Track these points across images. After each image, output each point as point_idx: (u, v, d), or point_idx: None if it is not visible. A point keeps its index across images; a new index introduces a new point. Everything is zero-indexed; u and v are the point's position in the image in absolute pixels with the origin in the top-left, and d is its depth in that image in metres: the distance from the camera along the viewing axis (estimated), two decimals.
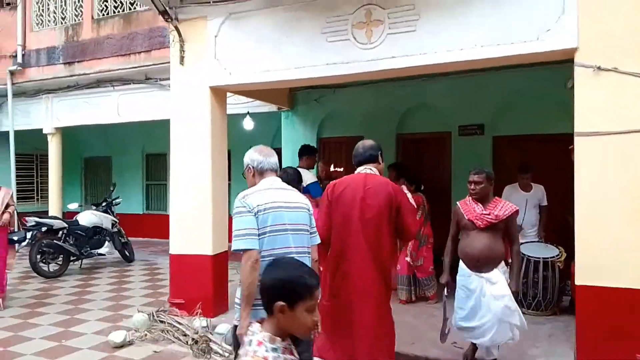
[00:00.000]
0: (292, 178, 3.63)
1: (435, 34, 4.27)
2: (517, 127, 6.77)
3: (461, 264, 3.90)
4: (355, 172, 3.38)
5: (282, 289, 1.60)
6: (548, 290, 5.29)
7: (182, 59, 5.43)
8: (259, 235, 2.55)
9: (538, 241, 5.76)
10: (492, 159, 6.97)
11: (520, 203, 5.81)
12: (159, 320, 5.03)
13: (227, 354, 4.36)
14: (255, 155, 2.81)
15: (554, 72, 5.98)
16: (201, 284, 5.33)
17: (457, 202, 3.96)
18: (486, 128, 6.95)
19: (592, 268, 3.81)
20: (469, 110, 6.98)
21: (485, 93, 6.81)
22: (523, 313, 5.30)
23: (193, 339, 4.55)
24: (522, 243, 5.64)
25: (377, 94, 7.38)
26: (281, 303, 1.58)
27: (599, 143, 3.74)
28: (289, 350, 1.64)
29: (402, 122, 7.64)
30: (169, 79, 5.69)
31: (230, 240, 5.82)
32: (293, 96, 8.14)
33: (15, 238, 6.95)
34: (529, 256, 5.38)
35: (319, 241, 2.92)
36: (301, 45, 4.84)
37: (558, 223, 5.91)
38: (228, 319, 5.15)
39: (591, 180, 3.81)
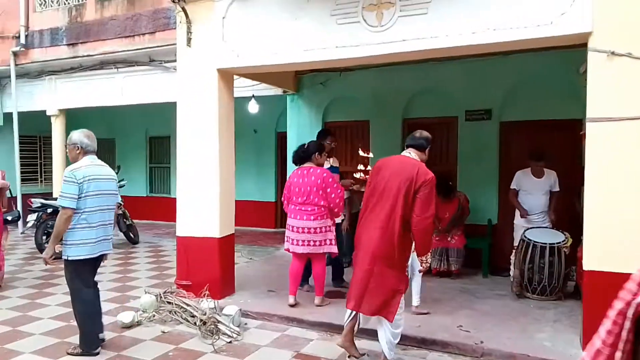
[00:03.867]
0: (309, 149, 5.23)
1: (447, 17, 4.21)
2: (524, 112, 6.70)
3: None
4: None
5: None
6: (554, 275, 5.31)
7: (189, 40, 5.37)
8: (85, 197, 3.78)
9: (545, 227, 5.76)
10: (498, 144, 6.94)
11: (532, 188, 5.86)
12: (167, 302, 5.05)
13: (235, 335, 4.40)
14: (84, 139, 3.94)
15: (563, 57, 5.92)
16: (208, 266, 5.36)
17: None
18: (493, 113, 6.90)
19: (601, 254, 3.81)
20: (476, 95, 6.91)
21: (492, 78, 6.74)
22: (528, 298, 5.42)
23: (201, 320, 4.58)
24: (528, 228, 5.69)
25: (383, 78, 7.31)
26: None
27: (612, 129, 3.71)
28: None
29: (408, 107, 7.57)
30: (173, 61, 5.63)
31: (236, 224, 5.83)
32: (299, 79, 8.08)
33: (9, 218, 6.99)
34: (535, 241, 5.40)
35: (119, 200, 4.21)
36: (310, 27, 4.79)
37: (566, 209, 5.91)
38: (235, 301, 5.18)
39: (602, 166, 3.78)
